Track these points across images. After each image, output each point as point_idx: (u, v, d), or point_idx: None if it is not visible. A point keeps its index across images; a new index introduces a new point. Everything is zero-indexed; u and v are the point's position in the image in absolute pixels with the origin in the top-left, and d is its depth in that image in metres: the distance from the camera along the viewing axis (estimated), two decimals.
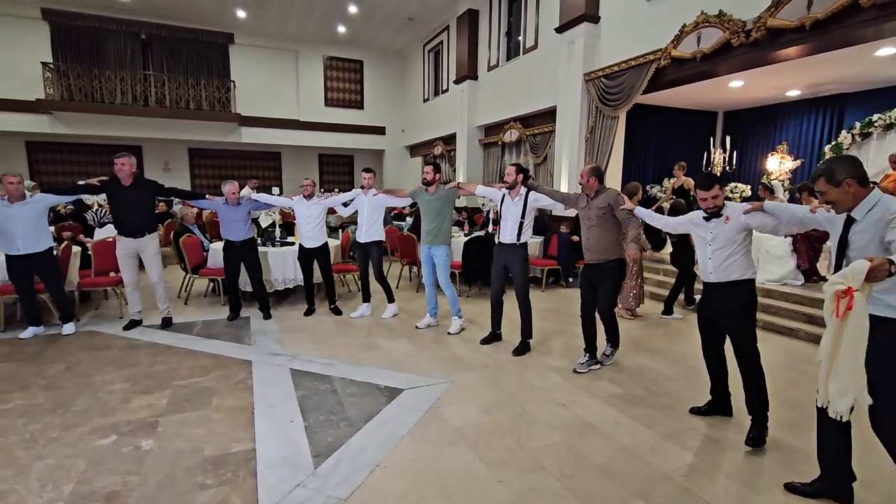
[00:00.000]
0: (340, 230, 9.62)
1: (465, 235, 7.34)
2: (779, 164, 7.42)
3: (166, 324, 4.92)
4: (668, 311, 5.64)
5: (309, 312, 5.47)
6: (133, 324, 4.86)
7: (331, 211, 5.65)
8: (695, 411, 3.20)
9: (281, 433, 2.86)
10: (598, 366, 4.00)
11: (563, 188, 8.38)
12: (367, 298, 5.50)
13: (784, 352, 4.49)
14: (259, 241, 6.17)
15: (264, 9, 12.38)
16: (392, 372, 3.83)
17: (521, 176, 4.25)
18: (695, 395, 3.50)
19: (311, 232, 5.32)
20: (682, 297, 5.87)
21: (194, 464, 2.55)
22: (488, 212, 8.53)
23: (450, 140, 13.00)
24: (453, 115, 12.49)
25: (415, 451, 2.68)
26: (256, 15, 12.80)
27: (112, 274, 5.58)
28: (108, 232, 6.63)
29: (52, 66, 12.10)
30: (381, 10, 12.34)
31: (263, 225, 7.95)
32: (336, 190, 15.73)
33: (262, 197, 5.40)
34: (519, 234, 4.20)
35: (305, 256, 5.42)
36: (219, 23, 13.35)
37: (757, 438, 2.77)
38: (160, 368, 3.84)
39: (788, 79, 6.96)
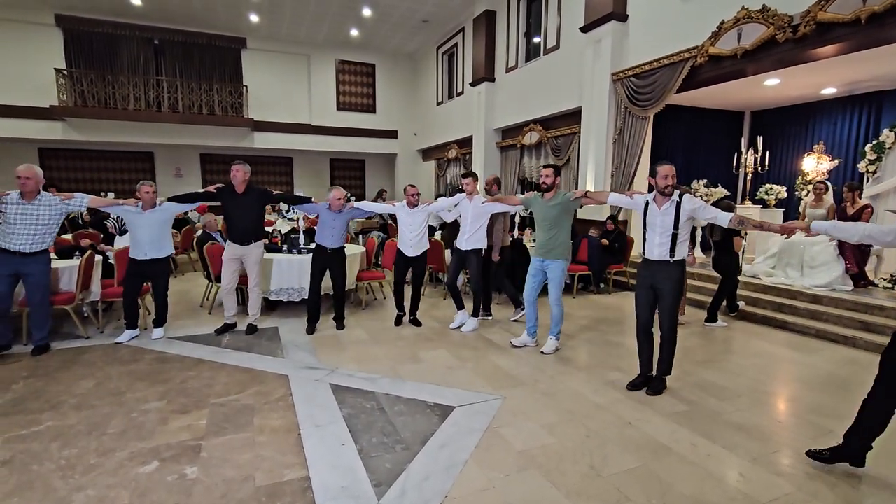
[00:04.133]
0: (362, 235, 9.46)
1: None
2: (815, 165, 7.17)
3: (251, 330, 4.94)
4: (712, 318, 5.40)
5: (398, 322, 5.30)
6: (226, 327, 5.00)
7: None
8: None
9: (334, 458, 2.65)
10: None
11: (590, 190, 8.17)
12: (461, 306, 5.28)
13: (849, 363, 4.24)
14: (283, 249, 6.01)
15: (277, 13, 12.26)
16: (438, 387, 3.61)
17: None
18: (768, 412, 3.29)
19: (413, 241, 5.12)
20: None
21: (247, 494, 2.34)
22: (513, 216, 8.29)
23: (464, 143, 12.81)
24: (469, 117, 12.31)
25: (484, 479, 2.46)
26: (269, 19, 12.68)
27: None
28: (128, 240, 6.44)
29: (65, 72, 11.99)
30: (396, 12, 12.19)
31: (284, 231, 7.77)
32: (347, 194, 15.54)
33: (364, 205, 5.37)
34: (672, 250, 3.43)
35: (403, 265, 5.22)
36: (231, 27, 13.25)
37: None
38: (194, 384, 3.64)
39: (826, 76, 6.73)
